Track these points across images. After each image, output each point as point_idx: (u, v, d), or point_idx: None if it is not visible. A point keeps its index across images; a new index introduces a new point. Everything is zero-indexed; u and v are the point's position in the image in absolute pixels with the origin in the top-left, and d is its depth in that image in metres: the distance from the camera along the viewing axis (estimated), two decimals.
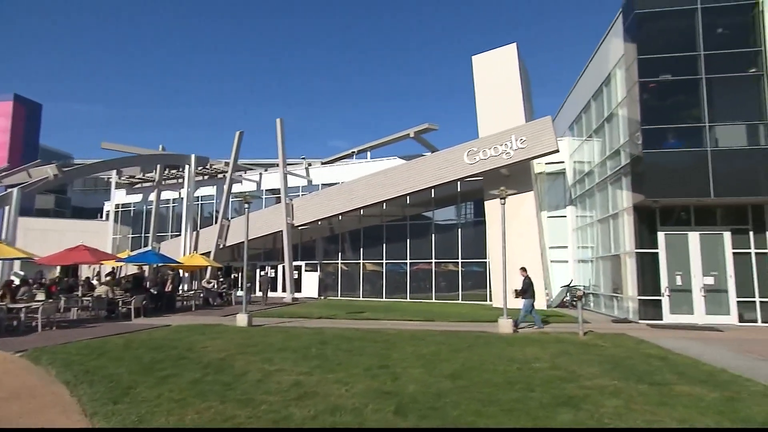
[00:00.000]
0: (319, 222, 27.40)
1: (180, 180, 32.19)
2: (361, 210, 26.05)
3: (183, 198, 31.03)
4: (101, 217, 37.66)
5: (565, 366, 7.96)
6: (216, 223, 29.08)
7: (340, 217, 27.11)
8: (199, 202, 32.48)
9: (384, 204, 25.50)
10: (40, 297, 16.18)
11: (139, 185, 34.57)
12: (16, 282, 18.61)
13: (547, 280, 22.11)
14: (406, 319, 15.80)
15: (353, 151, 29.85)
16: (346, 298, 27.09)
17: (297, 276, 28.09)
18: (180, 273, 24.82)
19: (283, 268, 27.55)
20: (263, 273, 28.36)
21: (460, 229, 25.71)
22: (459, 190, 25.30)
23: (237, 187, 30.68)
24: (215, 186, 32.05)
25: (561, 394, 6.16)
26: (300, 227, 27.41)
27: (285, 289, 26.83)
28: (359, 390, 6.33)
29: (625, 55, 15.97)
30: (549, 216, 23.76)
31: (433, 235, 26.02)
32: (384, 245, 26.98)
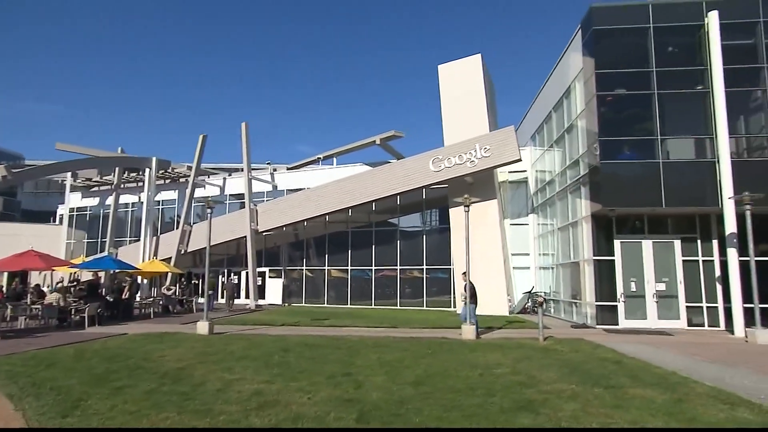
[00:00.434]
0: (284, 228, 27.07)
1: (140, 183, 31.19)
2: (327, 216, 25.92)
3: (143, 202, 30.06)
4: (54, 221, 36.03)
5: (526, 371, 8.14)
6: (177, 228, 28.30)
7: (305, 223, 26.89)
8: (160, 206, 31.54)
9: (350, 210, 25.48)
10: None
11: (97, 188, 33.30)
12: None
13: (510, 286, 22.55)
14: (370, 326, 15.78)
15: (319, 157, 29.71)
16: (310, 304, 26.81)
17: (261, 282, 27.63)
18: (138, 279, 24.00)
19: (247, 274, 27.06)
20: (230, 279, 27.76)
21: (425, 236, 25.92)
22: (424, 197, 25.54)
23: (200, 192, 29.96)
24: (177, 190, 31.20)
25: (521, 398, 6.29)
26: (264, 233, 27.01)
27: (248, 296, 26.34)
28: (321, 398, 6.28)
29: (584, 69, 16.57)
30: (512, 223, 24.27)
31: (399, 242, 26.13)
32: (349, 252, 26.89)
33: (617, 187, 15.02)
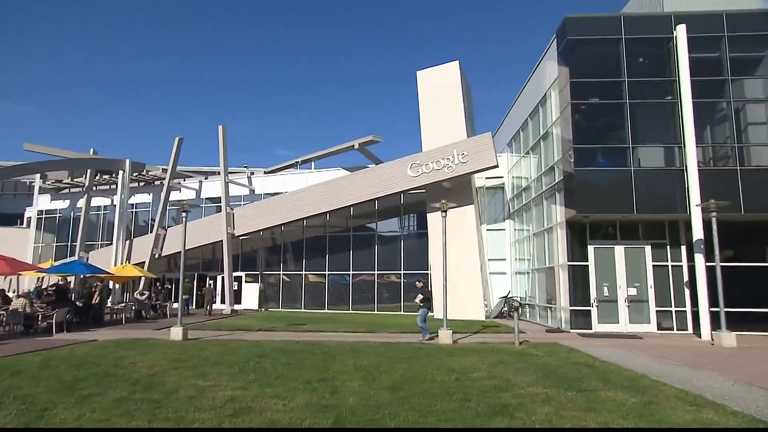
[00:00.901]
0: (261, 232, 26.82)
1: (113, 186, 30.51)
2: (304, 220, 25.79)
3: (116, 205, 29.39)
4: (21, 224, 34.89)
5: (501, 375, 8.22)
6: (152, 232, 27.73)
7: (282, 228, 26.68)
8: (134, 209, 30.90)
9: (327, 215, 25.40)
10: None
11: (67, 190, 32.40)
12: None
13: (487, 291, 22.78)
14: (347, 331, 15.72)
15: (297, 161, 29.61)
16: (287, 309, 26.59)
17: (237, 287, 27.27)
18: (110, 284, 23.39)
19: (223, 279, 26.68)
20: (210, 284, 27.31)
21: (402, 241, 26.01)
22: (402, 202, 25.65)
23: (175, 195, 29.45)
24: (151, 193, 30.62)
25: (496, 402, 6.35)
26: (241, 237, 26.69)
27: (224, 301, 25.96)
28: (297, 404, 6.22)
29: (559, 78, 16.92)
30: (488, 229, 24.55)
31: (376, 247, 26.16)
32: (327, 256, 26.79)
33: (591, 194, 15.35)
